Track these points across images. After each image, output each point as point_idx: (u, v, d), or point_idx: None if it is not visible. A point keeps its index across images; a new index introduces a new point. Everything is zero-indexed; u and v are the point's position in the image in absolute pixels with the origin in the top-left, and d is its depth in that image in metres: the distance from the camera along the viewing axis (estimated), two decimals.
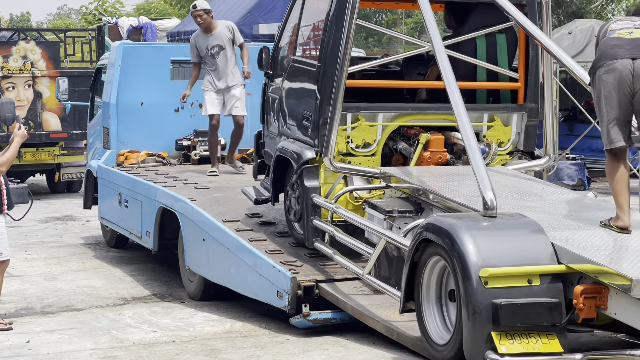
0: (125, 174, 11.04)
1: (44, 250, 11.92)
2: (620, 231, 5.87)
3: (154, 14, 37.72)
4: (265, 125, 8.97)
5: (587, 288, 5.34)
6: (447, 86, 6.62)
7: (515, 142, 8.05)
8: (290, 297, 7.04)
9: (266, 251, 7.60)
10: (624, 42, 5.94)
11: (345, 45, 7.39)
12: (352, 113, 7.67)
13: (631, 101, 5.91)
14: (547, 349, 5.32)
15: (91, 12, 35.34)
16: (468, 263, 5.40)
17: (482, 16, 7.94)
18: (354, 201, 7.70)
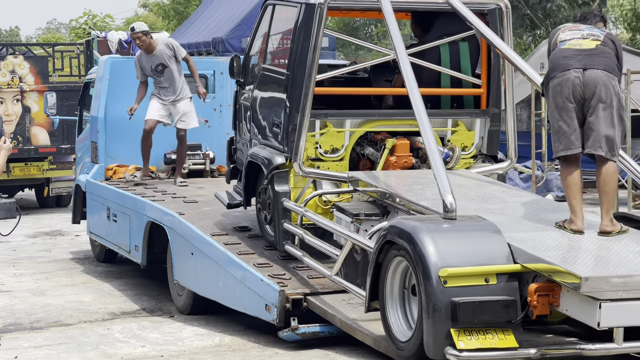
0: (114, 188, 11.03)
1: (33, 266, 11.90)
2: (573, 233, 6.14)
3: None
4: (237, 132, 9.20)
5: (541, 286, 5.59)
6: (409, 93, 6.85)
7: (479, 146, 8.31)
8: (279, 310, 7.02)
9: (254, 264, 7.61)
10: (574, 53, 6.21)
11: (313, 54, 7.63)
12: (320, 119, 7.92)
13: (582, 109, 6.18)
14: (503, 345, 5.56)
15: (81, 26, 35.42)
16: (428, 263, 5.65)
17: (445, 25, 8.20)
18: (323, 205, 7.94)
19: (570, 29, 6.45)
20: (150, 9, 42.46)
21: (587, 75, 6.14)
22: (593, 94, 6.14)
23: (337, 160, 7.99)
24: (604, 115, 6.15)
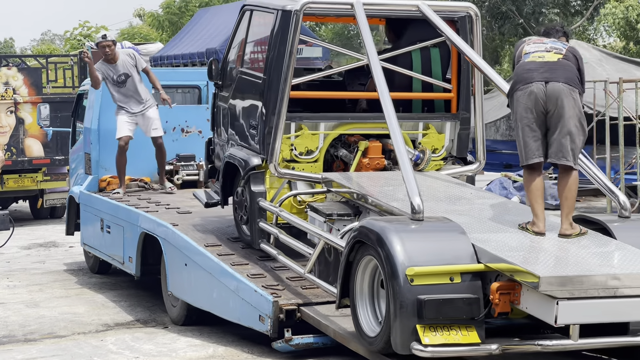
0: (107, 200, 11.02)
1: (27, 277, 11.89)
2: (535, 234, 6.42)
3: (138, 39, 37.74)
4: (215, 133, 9.45)
5: (502, 285, 5.86)
6: (380, 97, 7.08)
7: (449, 149, 8.59)
8: (272, 321, 7.01)
9: (248, 275, 7.61)
10: (537, 66, 6.48)
11: (288, 59, 7.88)
12: (295, 122, 8.18)
13: (544, 120, 6.46)
14: (466, 340, 5.83)
15: (75, 37, 35.45)
16: (396, 262, 5.90)
17: (417, 31, 8.46)
18: (297, 205, 8.21)
19: (535, 42, 6.72)
20: (144, 19, 42.55)
21: (549, 88, 6.41)
22: (555, 105, 6.40)
23: (311, 161, 8.25)
24: (565, 125, 6.42)
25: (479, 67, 7.85)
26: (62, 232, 13.61)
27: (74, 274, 12.22)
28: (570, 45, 6.72)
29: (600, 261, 5.92)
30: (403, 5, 8.28)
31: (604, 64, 20.52)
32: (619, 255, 6.06)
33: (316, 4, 8.03)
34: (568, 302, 5.59)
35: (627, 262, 5.93)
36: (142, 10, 41.14)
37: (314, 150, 8.26)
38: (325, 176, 7.97)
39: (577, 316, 5.67)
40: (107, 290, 11.04)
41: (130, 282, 11.03)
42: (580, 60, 6.63)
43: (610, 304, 5.69)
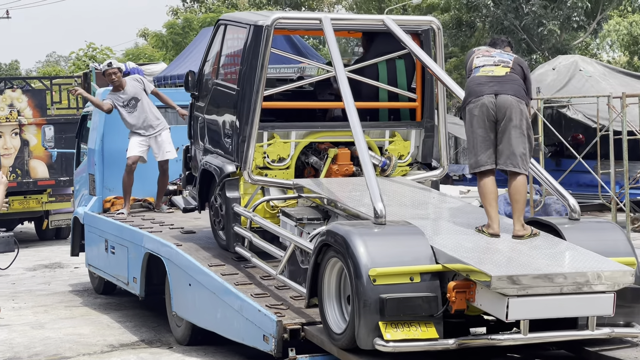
0: (112, 221, 11.02)
1: (32, 299, 11.91)
2: (490, 236, 6.86)
3: (143, 59, 37.96)
4: (192, 141, 9.86)
5: (459, 284, 6.28)
6: (346, 106, 7.50)
7: (415, 155, 9.04)
8: (277, 340, 7.01)
9: (252, 295, 7.59)
10: (487, 80, 6.93)
11: (260, 71, 8.30)
12: (268, 131, 8.61)
13: (495, 130, 6.90)
14: (426, 335, 6.23)
15: (80, 58, 35.66)
16: (359, 264, 6.30)
17: (383, 44, 8.91)
18: (270, 210, 8.63)
19: (484, 54, 7.16)
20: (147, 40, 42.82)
21: (499, 100, 6.86)
22: (504, 116, 6.85)
23: (283, 168, 8.68)
24: (514, 135, 6.87)
25: (440, 78, 8.28)
26: (67, 253, 13.56)
27: (79, 294, 12.25)
28: (515, 56, 7.17)
29: (549, 261, 6.35)
30: (369, 19, 8.75)
31: (608, 79, 20.61)
32: (566, 255, 6.50)
33: (286, 19, 8.47)
34: (518, 299, 6.02)
35: (573, 261, 6.36)
36: (146, 30, 41.45)
37: (286, 157, 8.68)
38: (297, 182, 8.40)
39: (526, 312, 6.10)
40: (112, 310, 11.09)
41: (135, 303, 11.04)
42: (526, 70, 7.09)
43: (557, 300, 6.12)
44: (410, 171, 9.01)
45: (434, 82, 8.94)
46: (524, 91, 6.91)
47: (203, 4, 40.92)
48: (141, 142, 11.29)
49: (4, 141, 17.38)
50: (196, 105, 9.64)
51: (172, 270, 9.04)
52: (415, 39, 8.71)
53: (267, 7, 39.41)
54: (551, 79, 20.40)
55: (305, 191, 8.27)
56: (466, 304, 6.34)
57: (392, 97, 9.02)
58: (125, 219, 11.03)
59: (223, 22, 9.18)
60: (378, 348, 6.22)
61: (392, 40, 8.66)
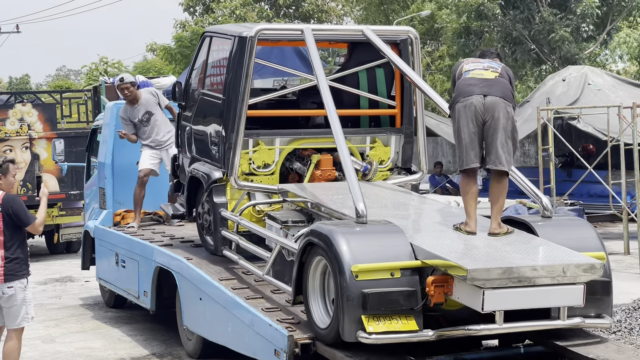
0: (122, 234, 11.04)
1: (43, 313, 11.89)
2: (467, 234, 7.18)
3: (153, 73, 38.15)
4: (180, 150, 10.16)
5: (437, 278, 6.60)
6: (328, 113, 7.81)
7: (395, 160, 9.38)
8: (288, 355, 6.97)
9: (263, 309, 7.55)
10: (476, 82, 7.22)
11: (245, 80, 8.62)
12: (253, 138, 8.93)
13: (482, 130, 7.20)
14: (406, 328, 6.54)
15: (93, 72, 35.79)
16: (342, 261, 6.60)
17: (363, 53, 9.25)
18: (256, 214, 8.93)
19: (473, 62, 7.49)
20: (156, 54, 42.98)
21: (487, 101, 7.14)
22: (492, 117, 7.13)
23: (268, 174, 8.99)
24: (501, 135, 7.16)
25: (419, 85, 8.62)
26: (78, 267, 13.59)
27: (90, 308, 12.31)
28: (504, 65, 7.50)
29: (522, 255, 6.68)
30: (349, 30, 9.10)
31: (618, 91, 20.58)
32: (539, 250, 6.83)
33: (270, 30, 8.81)
34: (493, 291, 6.33)
35: (545, 255, 6.70)
36: (154, 44, 41.70)
37: (271, 163, 9.00)
38: (282, 187, 8.71)
39: (501, 303, 6.41)
40: (123, 324, 11.15)
41: (145, 316, 11.06)
42: (511, 78, 7.39)
43: (530, 292, 6.44)
44: (390, 176, 9.34)
45: (412, 90, 9.27)
46: (511, 94, 7.21)
47: (211, 16, 41.19)
48: (153, 155, 11.36)
49: (14, 155, 17.34)
50: (183, 115, 9.95)
51: (183, 284, 9.09)
52: (394, 48, 9.05)
53: (274, 20, 39.77)
54: (561, 91, 20.37)
55: (290, 196, 8.58)
56: (444, 298, 6.66)
57: (372, 104, 9.36)
58: (136, 232, 11.05)
59: (209, 34, 9.51)
60: (361, 340, 6.51)
61: (372, 50, 9.00)
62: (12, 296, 8.04)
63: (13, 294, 8.04)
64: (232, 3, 40.14)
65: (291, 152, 9.14)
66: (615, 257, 15.74)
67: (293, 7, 42.54)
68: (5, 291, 8.02)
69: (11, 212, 8.00)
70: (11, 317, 8.12)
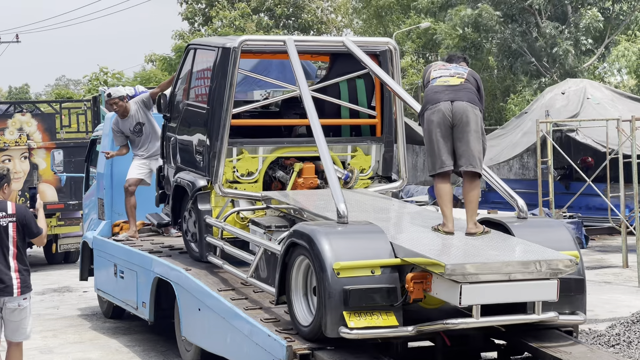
0: (121, 245, 11.04)
1: (40, 323, 11.87)
2: (445, 234, 7.41)
3: (153, 83, 38.40)
4: (165, 160, 10.37)
5: (416, 275, 6.79)
6: (310, 122, 8.02)
7: (375, 169, 9.61)
8: None
9: (261, 319, 7.54)
10: (443, 89, 7.49)
11: (229, 90, 8.85)
12: (237, 147, 9.15)
13: (451, 134, 7.46)
14: (386, 323, 6.72)
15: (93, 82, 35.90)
16: (324, 258, 6.78)
17: (344, 65, 9.51)
18: (240, 221, 9.13)
19: (440, 68, 7.75)
20: (155, 65, 43.17)
21: (455, 106, 7.41)
22: (460, 121, 7.40)
23: (252, 182, 9.21)
24: (471, 138, 7.42)
25: (399, 95, 8.86)
26: (76, 277, 13.52)
27: (88, 319, 12.31)
28: (470, 69, 7.76)
29: (498, 252, 6.90)
30: (330, 41, 9.34)
31: (616, 104, 20.76)
32: (514, 247, 7.05)
33: (252, 41, 9.05)
34: (470, 285, 6.54)
35: (520, 252, 6.92)
36: (153, 55, 41.89)
37: (254, 172, 9.22)
38: (265, 194, 8.92)
39: (478, 298, 6.60)
40: (121, 335, 11.17)
41: (144, 327, 11.07)
42: (479, 82, 7.66)
43: (505, 286, 6.64)
44: (371, 184, 9.56)
45: (392, 100, 9.52)
46: (477, 98, 7.47)
47: (210, 27, 41.45)
48: (141, 165, 11.39)
49: (13, 165, 17.44)
50: (168, 126, 10.16)
51: (182, 294, 9.09)
52: (374, 59, 9.30)
53: (274, 31, 40.04)
54: (560, 104, 20.49)
55: (273, 202, 8.79)
56: (423, 294, 6.86)
57: (353, 114, 9.61)
58: (134, 242, 11.06)
59: (193, 47, 9.75)
60: (343, 335, 6.69)
61: (352, 61, 9.24)
62: (25, 308, 7.93)
63: (27, 306, 7.93)
64: (232, 14, 40.42)
65: (274, 161, 9.35)
66: (613, 270, 16.00)
67: (292, 18, 42.85)
68: (21, 303, 7.89)
69: (25, 222, 7.91)
70: (21, 329, 7.99)
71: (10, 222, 7.87)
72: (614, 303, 12.90)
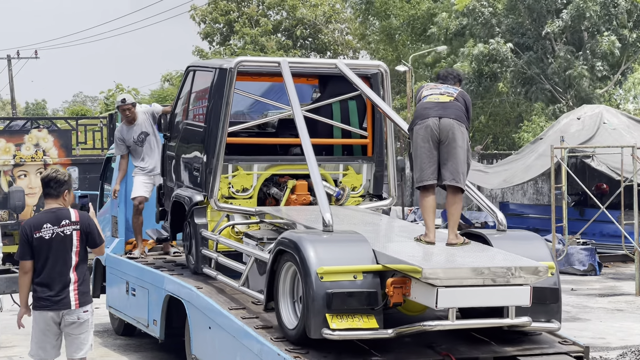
0: (133, 262, 11.11)
1: None
2: (427, 244, 7.74)
3: (169, 101, 38.99)
4: (165, 178, 10.76)
5: (396, 280, 7.11)
6: (302, 141, 8.34)
7: (367, 187, 9.98)
8: None
9: (272, 339, 7.55)
10: (432, 105, 7.83)
11: (225, 110, 9.24)
12: (232, 164, 9.54)
13: (438, 149, 7.79)
14: (367, 325, 7.04)
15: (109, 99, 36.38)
16: (309, 263, 7.12)
17: (337, 86, 9.90)
18: (235, 235, 9.50)
19: (432, 88, 8.08)
20: (172, 83, 43.65)
21: (442, 122, 7.75)
22: (447, 137, 7.74)
23: (246, 198, 9.58)
24: (458, 154, 7.76)
25: (390, 116, 9.23)
26: None
27: (99, 335, 12.30)
28: (460, 90, 8.09)
29: (474, 260, 7.24)
30: (323, 63, 9.74)
31: (632, 131, 20.85)
32: (490, 256, 7.39)
33: (248, 62, 9.48)
34: (446, 289, 6.85)
35: (495, 260, 7.25)
36: (169, 75, 42.37)
37: (249, 188, 9.60)
38: (259, 209, 9.29)
39: (453, 301, 6.91)
40: (131, 352, 11.20)
41: (154, 344, 11.02)
42: (468, 103, 7.96)
43: (480, 291, 6.95)
44: (362, 202, 9.92)
45: (383, 121, 9.89)
46: (464, 116, 7.81)
47: (228, 48, 41.97)
48: (145, 182, 11.41)
49: (29, 180, 17.66)
50: (168, 145, 10.56)
51: (192, 312, 9.12)
52: (365, 81, 9.68)
53: (292, 52, 40.48)
54: (575, 129, 20.55)
55: (267, 217, 9.15)
56: (403, 298, 7.19)
57: (345, 134, 9.99)
58: (138, 259, 11.15)
59: (192, 69, 10.19)
60: (325, 336, 7.01)
61: (345, 84, 9.63)
62: (86, 321, 7.58)
63: (88, 319, 7.58)
64: (253, 31, 40.91)
65: (268, 178, 9.73)
66: (626, 297, 16.13)
67: (310, 38, 43.41)
68: (80, 316, 7.53)
69: (89, 230, 7.54)
70: (80, 345, 7.64)
71: (75, 231, 7.49)
72: (626, 331, 13.04)
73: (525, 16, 30.45)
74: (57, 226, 7.43)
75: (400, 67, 36.17)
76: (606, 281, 18.30)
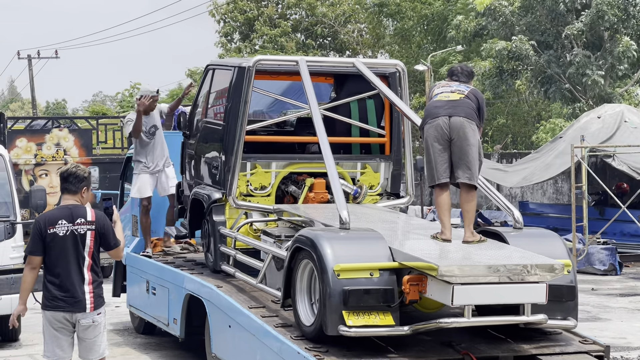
0: (153, 261, 11.15)
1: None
2: (443, 241, 7.78)
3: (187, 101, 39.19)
4: (184, 176, 10.84)
5: (412, 277, 7.16)
6: (319, 139, 8.39)
7: (384, 186, 10.02)
8: None
9: (291, 337, 7.52)
10: (443, 104, 7.88)
11: (243, 108, 9.31)
12: (250, 162, 9.60)
13: (449, 147, 7.84)
14: (383, 322, 7.09)
15: (126, 99, 36.43)
16: (326, 261, 7.18)
17: (356, 85, 9.94)
18: (253, 233, 9.56)
19: (443, 86, 8.12)
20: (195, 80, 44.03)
21: (452, 121, 7.80)
22: (458, 135, 7.77)
23: (264, 196, 9.64)
24: (470, 152, 7.80)
25: (408, 115, 9.26)
26: (108, 292, 12.57)
27: (120, 334, 12.41)
28: (472, 88, 8.12)
29: (490, 257, 7.27)
30: (341, 62, 9.78)
31: None
32: (506, 254, 7.42)
33: (266, 60, 9.54)
34: (462, 286, 6.89)
35: (511, 257, 7.28)
36: (194, 71, 42.50)
37: (267, 186, 9.66)
38: (277, 207, 9.35)
39: (469, 298, 6.95)
40: (152, 350, 11.25)
41: (174, 343, 10.99)
42: (480, 100, 8.00)
43: (496, 288, 6.98)
44: (380, 200, 9.96)
45: (400, 120, 9.94)
46: (475, 114, 7.83)
47: (250, 45, 42.09)
48: (150, 181, 11.43)
49: (49, 180, 17.74)
50: (188, 143, 10.64)
51: (213, 311, 9.10)
52: (383, 80, 9.72)
53: (312, 51, 40.56)
54: (596, 128, 20.47)
55: (285, 215, 9.21)
56: (419, 295, 7.23)
57: (363, 133, 10.04)
58: (151, 256, 11.26)
59: (211, 67, 10.26)
60: (342, 333, 7.06)
61: (363, 82, 9.68)
62: (99, 324, 7.41)
63: (102, 322, 7.42)
64: (273, 31, 40.98)
65: (287, 176, 9.79)
66: None
67: (329, 37, 43.49)
68: (95, 319, 7.38)
69: (103, 231, 7.34)
70: (95, 347, 7.46)
71: (89, 230, 7.28)
72: None
73: (543, 15, 30.36)
74: (72, 224, 7.24)
75: (419, 66, 36.17)
76: (627, 281, 18.21)
